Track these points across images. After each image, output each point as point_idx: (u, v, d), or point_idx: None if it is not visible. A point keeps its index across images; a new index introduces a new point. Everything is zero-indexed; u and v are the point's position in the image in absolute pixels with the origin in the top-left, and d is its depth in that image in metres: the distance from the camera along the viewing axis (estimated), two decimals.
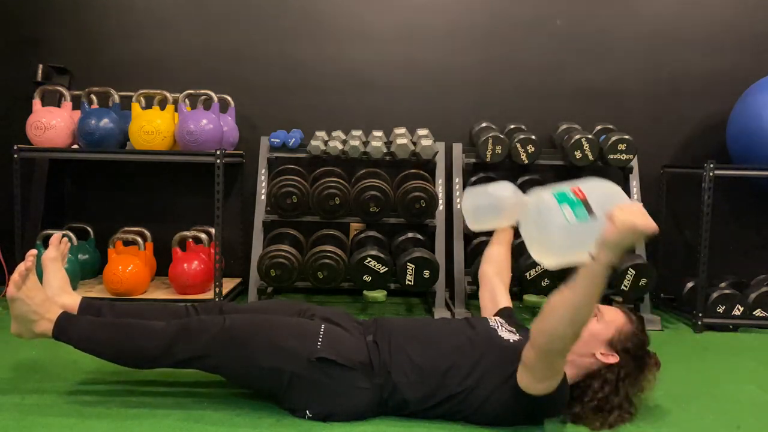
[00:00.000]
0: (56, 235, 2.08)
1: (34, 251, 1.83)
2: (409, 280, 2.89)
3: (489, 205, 1.75)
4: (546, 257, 1.52)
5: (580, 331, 1.50)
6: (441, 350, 1.76)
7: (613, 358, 1.76)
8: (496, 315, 2.03)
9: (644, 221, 1.37)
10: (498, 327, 1.86)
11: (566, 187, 1.48)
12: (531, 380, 1.62)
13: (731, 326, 2.95)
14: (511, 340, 1.78)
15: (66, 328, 1.81)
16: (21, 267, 1.79)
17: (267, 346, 1.75)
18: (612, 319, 1.80)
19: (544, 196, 1.47)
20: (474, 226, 1.96)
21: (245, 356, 1.75)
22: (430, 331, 1.85)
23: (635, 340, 1.78)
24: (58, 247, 2.06)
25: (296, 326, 1.83)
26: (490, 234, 3.23)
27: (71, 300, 1.98)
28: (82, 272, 3.16)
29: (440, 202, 3.13)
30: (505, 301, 2.13)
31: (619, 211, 1.38)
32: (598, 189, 1.46)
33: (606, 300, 2.76)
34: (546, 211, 1.43)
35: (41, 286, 1.86)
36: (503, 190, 1.84)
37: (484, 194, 1.78)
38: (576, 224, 1.40)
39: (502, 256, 2.26)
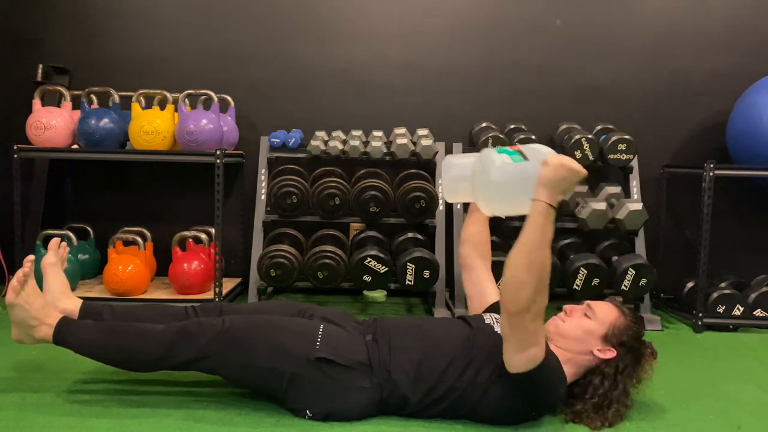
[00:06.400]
0: (55, 239, 2.08)
1: (31, 257, 1.83)
2: (409, 280, 2.89)
3: (460, 176, 1.77)
4: (492, 203, 1.66)
5: (539, 279, 1.54)
6: (440, 348, 1.77)
7: (611, 353, 1.77)
8: (487, 311, 2.02)
9: (573, 162, 1.57)
10: (493, 323, 1.86)
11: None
12: (512, 352, 1.62)
13: (731, 326, 2.95)
14: None
15: (66, 334, 1.81)
16: (19, 273, 1.79)
17: (266, 347, 1.75)
18: (605, 314, 1.82)
19: (486, 150, 1.67)
20: (450, 198, 1.93)
21: (245, 357, 1.75)
22: (429, 330, 1.85)
23: (630, 333, 1.80)
24: (57, 252, 2.05)
25: (295, 326, 1.83)
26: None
27: (72, 304, 1.98)
28: (82, 272, 3.16)
29: (440, 202, 3.13)
30: (494, 294, 2.08)
31: (551, 156, 1.57)
32: (533, 147, 1.65)
33: (602, 297, 2.75)
34: (487, 159, 1.61)
35: (40, 292, 1.86)
36: (469, 158, 1.82)
37: (456, 164, 1.79)
38: (513, 165, 1.58)
39: (482, 236, 2.15)
